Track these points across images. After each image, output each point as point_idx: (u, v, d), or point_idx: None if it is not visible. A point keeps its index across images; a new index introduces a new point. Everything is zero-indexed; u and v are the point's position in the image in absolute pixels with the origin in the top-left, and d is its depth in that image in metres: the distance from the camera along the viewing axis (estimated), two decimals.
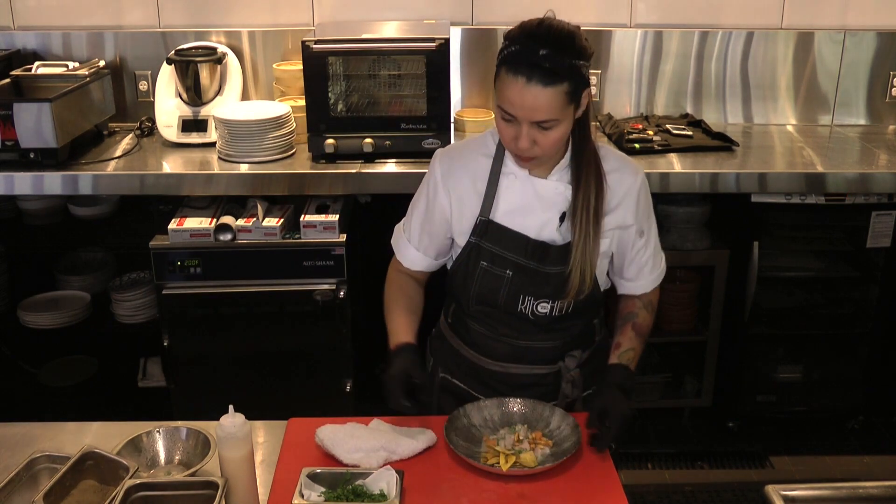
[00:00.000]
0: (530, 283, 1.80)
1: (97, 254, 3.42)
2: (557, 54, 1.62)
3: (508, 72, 1.63)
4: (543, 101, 1.62)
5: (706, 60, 3.36)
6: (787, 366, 3.23)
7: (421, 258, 1.91)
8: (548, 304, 1.82)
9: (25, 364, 3.34)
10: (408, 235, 1.92)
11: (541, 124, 1.65)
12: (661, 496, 2.96)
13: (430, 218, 1.87)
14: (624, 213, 1.83)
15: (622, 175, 1.82)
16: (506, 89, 1.64)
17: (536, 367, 1.89)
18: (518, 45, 1.64)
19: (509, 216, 1.80)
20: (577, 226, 1.76)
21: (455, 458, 1.66)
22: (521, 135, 1.67)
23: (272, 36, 3.28)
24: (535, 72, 1.61)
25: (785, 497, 1.46)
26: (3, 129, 2.70)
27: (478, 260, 1.82)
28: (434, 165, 1.86)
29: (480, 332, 1.90)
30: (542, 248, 1.79)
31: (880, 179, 2.90)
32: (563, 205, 1.79)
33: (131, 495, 1.47)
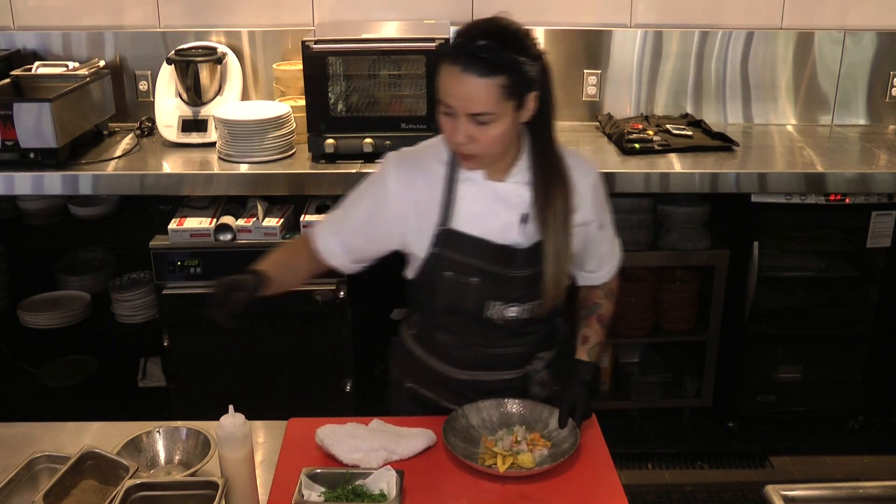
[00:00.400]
0: (498, 288, 1.78)
1: (97, 254, 3.42)
2: (496, 46, 1.61)
3: (447, 61, 1.63)
4: (477, 91, 1.60)
5: (706, 60, 3.36)
6: (787, 366, 3.23)
7: (340, 255, 1.84)
8: (517, 307, 1.80)
9: (25, 364, 3.34)
10: (336, 229, 1.84)
11: (477, 118, 1.63)
12: (661, 496, 2.96)
13: (371, 222, 1.80)
14: (585, 210, 1.82)
15: (580, 173, 1.81)
16: (443, 79, 1.64)
17: (505, 372, 1.88)
18: (460, 38, 1.64)
19: (470, 222, 1.77)
20: (547, 230, 1.74)
21: (454, 458, 1.66)
22: (457, 128, 1.64)
23: (272, 36, 3.28)
24: (471, 61, 1.60)
25: (785, 497, 1.46)
26: (3, 129, 2.70)
27: (441, 270, 1.78)
28: (387, 171, 1.79)
29: (447, 343, 1.87)
30: (507, 251, 1.77)
31: (880, 179, 2.90)
32: (523, 206, 1.76)
33: (131, 495, 1.47)
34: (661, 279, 3.17)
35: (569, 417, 1.74)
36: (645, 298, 3.15)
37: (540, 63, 1.67)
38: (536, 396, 1.88)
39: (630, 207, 3.01)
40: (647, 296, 3.15)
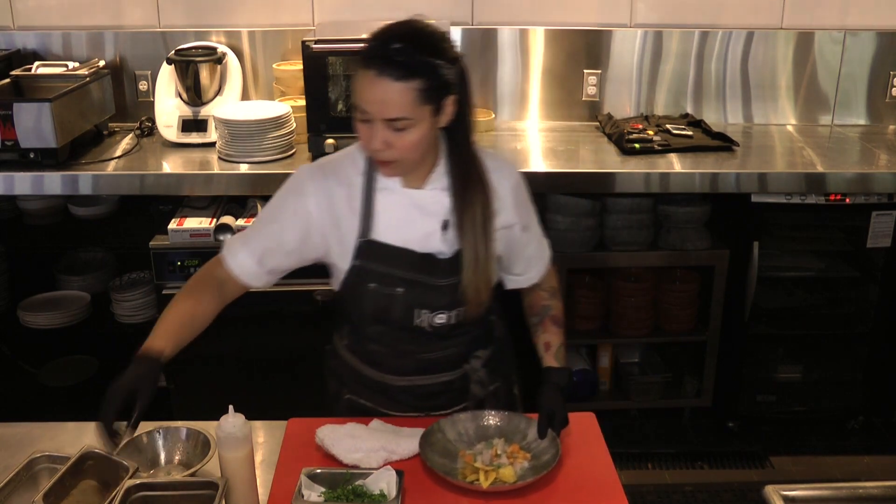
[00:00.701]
0: (423, 296, 1.75)
1: (97, 254, 3.42)
2: (411, 49, 1.57)
3: (362, 66, 1.59)
4: (393, 95, 1.56)
5: (706, 60, 3.37)
6: (787, 366, 3.23)
7: (256, 273, 1.74)
8: (444, 314, 1.77)
9: (25, 364, 3.34)
10: (252, 246, 1.74)
11: (394, 124, 1.59)
12: (661, 496, 2.96)
13: (290, 236, 1.73)
14: (507, 213, 1.78)
15: (500, 175, 1.77)
16: (358, 84, 1.60)
17: (443, 375, 1.85)
18: (375, 41, 1.60)
19: (390, 232, 1.73)
20: (466, 242, 1.70)
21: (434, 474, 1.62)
22: (373, 134, 1.60)
23: (272, 36, 3.28)
24: (386, 65, 1.56)
25: (785, 497, 1.46)
26: (3, 129, 2.70)
27: (365, 282, 1.74)
28: (304, 183, 1.74)
29: (380, 351, 1.84)
30: (430, 260, 1.73)
31: (880, 179, 2.90)
32: (443, 213, 1.73)
33: (131, 495, 1.47)
34: (661, 279, 3.17)
35: (548, 427, 1.70)
36: (645, 298, 3.15)
37: (457, 66, 1.63)
38: (476, 395, 1.87)
39: (630, 207, 3.01)
40: (647, 296, 3.15)
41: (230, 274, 1.75)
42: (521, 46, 3.32)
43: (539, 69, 3.35)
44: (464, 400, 1.88)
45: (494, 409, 1.83)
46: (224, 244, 1.78)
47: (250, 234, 1.77)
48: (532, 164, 2.93)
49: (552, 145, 3.13)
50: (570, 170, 2.89)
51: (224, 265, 1.75)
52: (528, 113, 3.41)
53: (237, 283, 1.76)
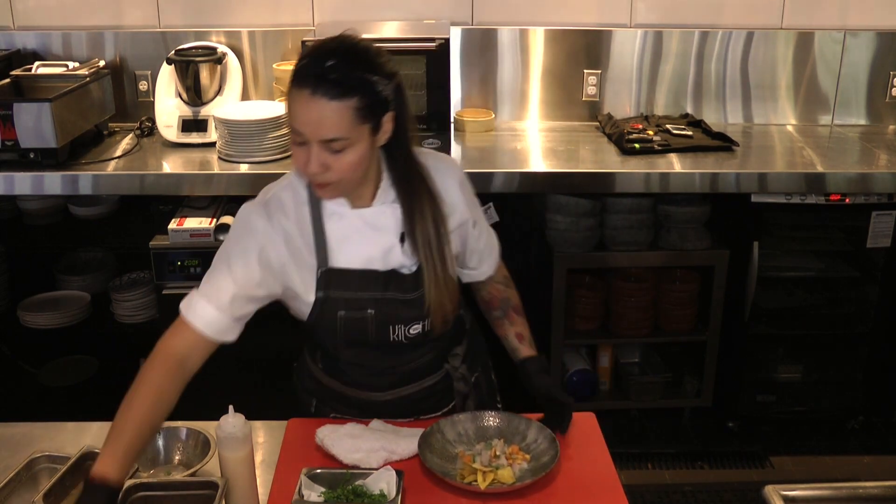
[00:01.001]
0: (395, 312, 1.72)
1: (97, 254, 3.42)
2: (346, 66, 1.51)
3: (295, 85, 1.52)
4: (329, 115, 1.50)
5: (706, 60, 3.36)
6: (787, 366, 3.23)
7: (225, 323, 1.63)
8: (419, 324, 1.74)
9: (25, 364, 3.34)
10: (211, 298, 1.63)
11: (331, 145, 1.53)
12: (661, 496, 2.96)
13: (253, 280, 1.64)
14: (459, 211, 1.75)
15: (445, 175, 1.74)
16: (292, 104, 1.54)
17: (426, 380, 1.85)
18: (307, 59, 1.54)
19: (349, 257, 1.68)
20: (421, 256, 1.67)
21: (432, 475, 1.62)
22: (310, 157, 1.54)
23: (272, 36, 3.28)
24: (320, 83, 1.50)
25: (785, 497, 1.46)
26: (3, 129, 2.70)
27: (334, 311, 1.70)
28: (252, 223, 1.66)
29: (360, 373, 1.81)
30: (395, 276, 1.70)
31: (880, 179, 2.90)
32: (397, 227, 1.69)
33: (131, 495, 1.47)
34: (661, 279, 3.17)
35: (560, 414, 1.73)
36: (645, 298, 3.15)
37: (394, 81, 1.58)
38: (461, 392, 1.87)
39: (630, 207, 3.01)
40: (647, 296, 3.15)
41: (198, 336, 1.61)
42: (521, 46, 3.32)
43: (539, 69, 3.35)
44: (450, 399, 1.88)
45: (478, 401, 1.85)
46: (182, 307, 1.64)
47: (209, 289, 1.64)
48: (532, 164, 2.93)
49: (552, 145, 3.13)
50: (570, 170, 2.89)
51: (188, 329, 1.61)
52: (528, 113, 3.41)
53: (205, 345, 1.63)
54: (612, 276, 3.17)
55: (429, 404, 1.86)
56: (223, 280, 1.64)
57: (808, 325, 3.20)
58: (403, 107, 1.62)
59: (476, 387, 1.91)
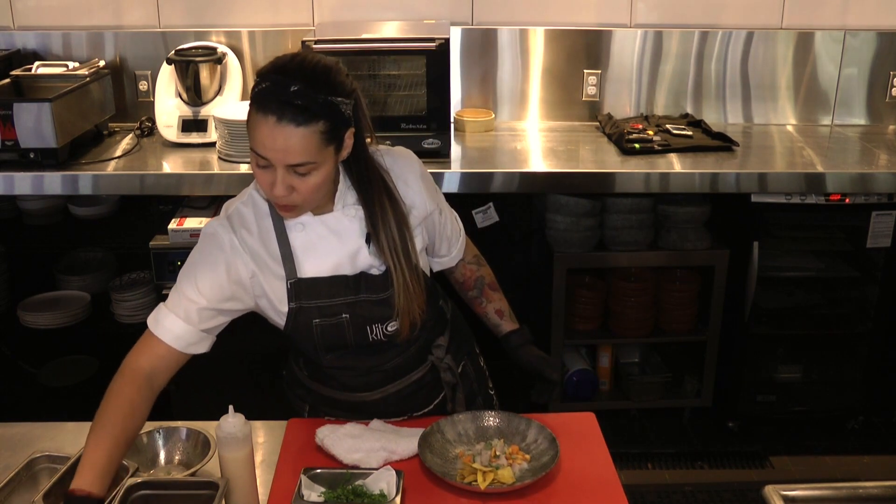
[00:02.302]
0: (370, 313, 1.72)
1: (97, 254, 3.42)
2: (310, 90, 1.49)
3: (258, 111, 1.51)
4: (296, 141, 1.49)
5: (706, 60, 3.37)
6: (787, 366, 3.23)
7: (192, 335, 1.64)
8: (395, 321, 1.73)
9: (25, 364, 3.34)
10: (176, 310, 1.63)
11: (296, 169, 1.52)
12: (661, 496, 2.96)
13: (222, 294, 1.64)
14: (423, 202, 1.74)
15: (403, 169, 1.73)
16: (256, 130, 1.52)
17: (413, 374, 1.85)
18: (268, 82, 1.51)
19: (317, 265, 1.68)
20: (388, 260, 1.67)
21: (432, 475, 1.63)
22: (276, 180, 1.53)
23: (272, 36, 3.28)
24: (286, 110, 1.48)
25: (785, 497, 1.46)
26: (3, 129, 2.70)
27: (308, 319, 1.70)
28: (218, 238, 1.65)
29: (345, 375, 1.81)
30: (365, 278, 1.70)
31: (880, 179, 2.90)
32: (362, 227, 1.69)
33: (131, 494, 1.47)
34: (661, 279, 3.18)
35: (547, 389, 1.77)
36: (645, 298, 3.15)
37: (353, 97, 1.57)
38: (449, 382, 1.88)
39: (630, 207, 3.01)
40: (647, 296, 3.15)
41: (167, 349, 1.62)
42: (521, 46, 3.32)
43: (539, 69, 3.35)
44: (439, 392, 1.88)
45: (468, 390, 1.86)
46: (150, 321, 1.66)
47: (177, 302, 1.64)
48: (532, 164, 2.93)
49: (552, 145, 3.13)
50: (570, 170, 2.89)
51: (157, 343, 1.63)
52: (528, 113, 3.41)
53: (175, 359, 1.64)
54: (612, 276, 3.17)
55: (418, 399, 1.86)
56: (190, 292, 1.63)
57: (808, 325, 3.20)
58: (361, 118, 1.61)
59: (464, 376, 1.92)
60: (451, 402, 1.89)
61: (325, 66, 1.55)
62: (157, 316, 1.66)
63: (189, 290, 1.64)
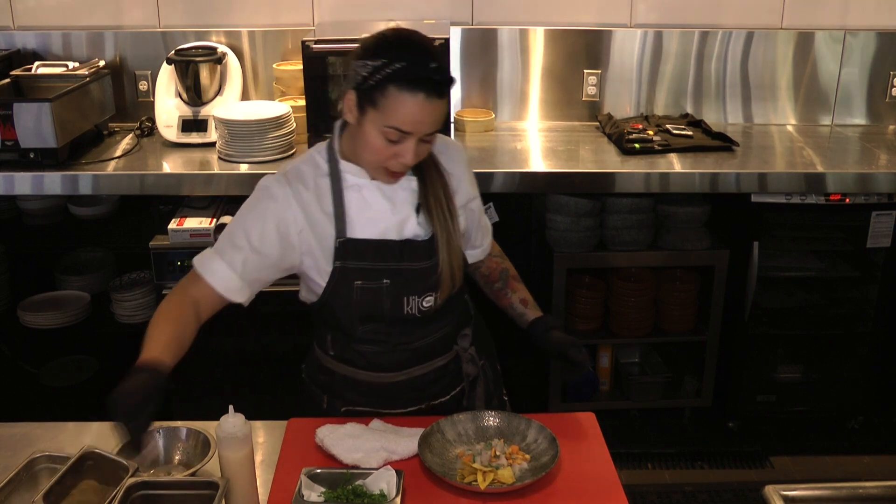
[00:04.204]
0: (409, 283, 1.77)
1: (97, 254, 3.42)
2: (443, 65, 1.63)
3: (403, 89, 1.58)
4: (439, 113, 1.62)
5: (706, 60, 3.37)
6: (787, 366, 3.23)
7: (236, 283, 1.70)
8: (431, 296, 1.79)
9: (25, 364, 3.34)
10: (225, 257, 1.70)
11: (428, 137, 1.65)
12: (661, 496, 2.96)
13: (271, 247, 1.71)
14: (465, 189, 1.84)
15: (449, 156, 1.82)
16: (401, 107, 1.59)
17: (436, 360, 1.87)
18: (404, 62, 1.59)
19: (366, 227, 1.74)
20: (436, 223, 1.75)
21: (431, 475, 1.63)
22: (408, 150, 1.63)
23: (272, 36, 3.28)
24: (430, 86, 1.59)
25: (785, 497, 1.46)
26: (3, 129, 2.70)
27: (350, 281, 1.74)
28: (271, 191, 1.72)
29: (372, 351, 1.84)
30: (410, 246, 1.76)
31: (880, 179, 2.90)
32: (413, 198, 1.77)
33: (132, 494, 1.47)
34: (661, 279, 3.18)
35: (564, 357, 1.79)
36: (645, 298, 3.15)
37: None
38: (469, 374, 1.90)
39: (630, 207, 3.01)
40: (647, 296, 3.15)
41: (210, 290, 1.70)
42: (521, 46, 3.32)
43: (539, 69, 3.35)
44: (459, 382, 1.90)
45: (486, 387, 1.88)
46: (196, 261, 1.73)
47: (225, 247, 1.71)
48: (532, 164, 2.93)
49: (552, 145, 3.14)
50: (570, 170, 2.90)
51: (201, 282, 1.70)
52: (528, 113, 3.41)
53: (215, 300, 1.71)
54: (612, 276, 3.17)
55: (439, 387, 1.88)
56: (238, 239, 1.71)
57: (808, 325, 3.20)
58: None
59: (483, 372, 1.94)
60: (468, 395, 1.91)
61: (433, 43, 1.68)
62: (203, 258, 1.74)
63: (237, 237, 1.71)
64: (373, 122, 1.62)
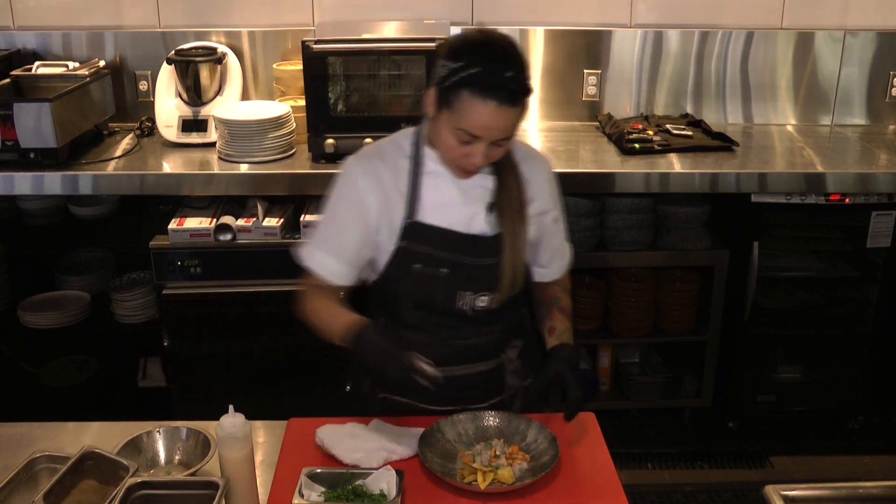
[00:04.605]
0: (467, 278, 1.79)
1: (97, 254, 3.42)
2: (520, 74, 1.64)
3: (475, 95, 1.60)
4: (511, 121, 1.64)
5: (706, 60, 3.37)
6: (788, 366, 3.23)
7: (346, 271, 1.80)
8: (486, 296, 1.81)
9: (25, 364, 3.34)
10: (328, 247, 1.80)
11: (499, 142, 1.67)
12: (661, 496, 2.96)
13: (357, 224, 1.78)
14: (541, 200, 1.84)
15: (533, 164, 1.84)
16: (472, 112, 1.61)
17: (479, 364, 1.87)
18: (480, 67, 1.61)
19: (436, 214, 1.77)
20: (505, 221, 1.77)
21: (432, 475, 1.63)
22: (478, 152, 1.66)
23: (272, 36, 3.28)
24: (504, 94, 1.61)
25: (785, 497, 1.46)
26: (3, 129, 2.70)
27: (410, 263, 1.78)
28: (352, 173, 1.79)
29: (418, 340, 1.83)
30: (473, 241, 1.78)
31: (880, 179, 2.90)
32: (487, 196, 1.79)
33: (132, 494, 1.47)
34: (661, 279, 3.18)
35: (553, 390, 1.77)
36: (645, 298, 3.15)
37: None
38: (512, 386, 1.89)
39: (630, 207, 3.01)
40: (647, 296, 3.15)
41: (324, 281, 1.80)
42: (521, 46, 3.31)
43: (539, 69, 3.35)
44: (500, 392, 1.89)
45: (525, 405, 1.85)
46: (302, 257, 1.82)
47: (323, 236, 1.81)
48: None
49: (552, 145, 3.13)
50: (570, 170, 2.89)
51: (314, 276, 1.81)
52: (528, 113, 3.41)
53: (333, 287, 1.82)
54: (612, 276, 3.17)
55: (478, 392, 1.86)
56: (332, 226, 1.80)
57: (808, 325, 3.20)
58: None
59: (526, 392, 1.91)
60: (506, 408, 1.87)
61: (516, 48, 1.68)
62: (307, 251, 1.82)
63: (330, 223, 1.81)
64: (447, 121, 1.66)
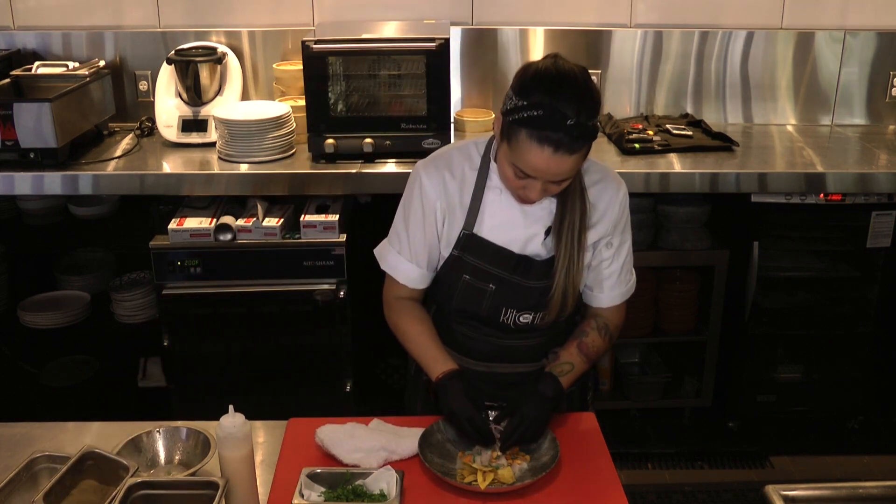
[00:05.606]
0: (513, 296, 1.79)
1: (97, 254, 3.42)
2: (583, 118, 1.57)
3: (532, 138, 1.57)
4: (569, 166, 1.61)
5: (706, 60, 3.36)
6: (788, 366, 3.23)
7: (420, 274, 1.86)
8: (530, 315, 1.81)
9: (25, 364, 3.34)
10: (403, 252, 1.86)
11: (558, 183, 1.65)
12: (661, 496, 2.96)
13: (426, 229, 1.82)
14: (604, 226, 1.81)
15: (604, 187, 1.80)
16: (527, 154, 1.59)
17: (521, 365, 1.89)
18: (542, 111, 1.56)
19: (493, 231, 1.78)
20: (562, 247, 1.74)
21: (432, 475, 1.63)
22: (534, 189, 1.65)
23: (272, 36, 3.28)
24: (562, 141, 1.56)
25: (785, 497, 1.46)
26: (3, 129, 2.70)
27: (460, 272, 1.81)
28: (421, 177, 1.81)
29: (463, 333, 1.89)
30: (526, 262, 1.78)
31: (880, 179, 2.90)
32: (547, 219, 1.78)
33: (132, 493, 1.47)
34: (661, 279, 3.18)
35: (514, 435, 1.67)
36: (645, 298, 3.15)
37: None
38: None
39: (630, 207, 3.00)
40: (647, 296, 3.15)
41: (404, 286, 1.86)
42: (521, 46, 3.32)
43: None
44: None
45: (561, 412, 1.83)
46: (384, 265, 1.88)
47: (399, 242, 1.85)
48: None
49: None
50: None
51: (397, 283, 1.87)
52: None
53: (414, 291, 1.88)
54: None
55: (516, 391, 1.84)
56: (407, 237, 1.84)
57: (808, 325, 3.19)
58: None
59: (568, 398, 1.89)
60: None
61: (589, 89, 1.62)
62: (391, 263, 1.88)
63: (403, 229, 1.85)
64: (505, 152, 1.65)
